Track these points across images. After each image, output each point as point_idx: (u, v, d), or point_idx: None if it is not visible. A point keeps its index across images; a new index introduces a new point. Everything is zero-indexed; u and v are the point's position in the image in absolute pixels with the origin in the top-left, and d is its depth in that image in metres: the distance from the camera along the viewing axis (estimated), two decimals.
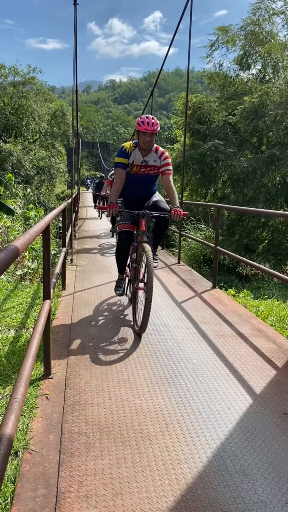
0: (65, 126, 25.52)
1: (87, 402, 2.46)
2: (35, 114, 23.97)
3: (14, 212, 6.73)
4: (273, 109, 14.14)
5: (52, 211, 3.46)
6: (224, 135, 15.62)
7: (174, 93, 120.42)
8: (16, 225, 9.09)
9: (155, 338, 3.49)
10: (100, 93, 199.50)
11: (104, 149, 58.16)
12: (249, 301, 5.29)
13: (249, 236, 14.99)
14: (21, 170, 21.20)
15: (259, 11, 15.67)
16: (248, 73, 17.07)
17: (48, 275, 2.64)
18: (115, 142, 64.16)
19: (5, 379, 2.80)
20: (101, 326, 3.78)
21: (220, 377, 2.81)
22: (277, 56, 15.40)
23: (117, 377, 2.78)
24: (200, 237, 13.21)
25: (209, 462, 1.96)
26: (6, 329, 3.78)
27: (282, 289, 9.66)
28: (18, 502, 1.69)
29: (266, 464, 1.96)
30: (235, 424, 2.27)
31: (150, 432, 2.18)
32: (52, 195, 26.98)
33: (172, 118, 25.49)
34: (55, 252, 7.88)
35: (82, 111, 77.61)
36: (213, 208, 8.46)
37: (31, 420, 2.26)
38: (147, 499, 1.72)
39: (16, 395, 1.42)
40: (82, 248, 8.56)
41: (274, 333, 3.69)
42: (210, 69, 17.90)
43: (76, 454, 1.99)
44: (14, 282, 6.00)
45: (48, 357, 2.75)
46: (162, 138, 46.58)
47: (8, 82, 24.29)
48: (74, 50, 7.97)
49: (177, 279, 5.81)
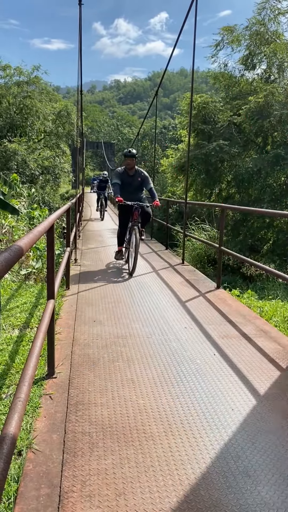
0: (70, 126, 25.54)
1: (90, 402, 2.46)
2: (39, 114, 24.02)
3: (19, 212, 6.73)
4: (278, 109, 14.08)
5: (56, 211, 3.47)
6: (229, 135, 15.57)
7: (178, 93, 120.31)
8: (20, 224, 9.11)
9: (158, 339, 3.49)
10: (105, 93, 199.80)
11: (109, 149, 58.20)
12: (253, 302, 5.27)
13: (254, 237, 14.93)
14: (25, 169, 21.24)
15: (264, 11, 15.59)
16: (253, 73, 16.99)
17: (52, 275, 2.65)
18: (120, 142, 64.10)
19: (9, 378, 2.81)
20: (105, 326, 3.78)
21: (223, 377, 2.80)
22: (282, 56, 15.33)
23: (120, 377, 2.78)
24: (204, 237, 13.19)
25: (213, 463, 1.96)
26: (10, 329, 3.79)
27: (286, 290, 9.61)
28: (22, 501, 1.69)
29: (269, 465, 1.95)
30: (239, 425, 2.26)
31: (154, 432, 2.18)
32: (56, 195, 27.01)
33: (177, 118, 25.46)
34: (59, 252, 7.89)
35: (87, 111, 77.75)
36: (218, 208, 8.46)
37: (35, 419, 2.26)
38: (150, 500, 1.72)
39: (20, 395, 1.42)
40: (86, 247, 8.57)
41: (278, 333, 3.67)
42: (215, 69, 17.84)
43: (79, 454, 1.99)
44: (18, 281, 6.01)
45: (52, 356, 2.76)
46: (167, 138, 46.54)
47: (13, 81, 24.37)
48: (79, 50, 7.98)
49: (181, 279, 5.80)
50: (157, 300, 4.67)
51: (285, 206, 14.27)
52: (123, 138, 65.54)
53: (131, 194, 6.16)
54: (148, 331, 3.67)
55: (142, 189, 6.32)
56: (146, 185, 6.25)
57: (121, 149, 61.98)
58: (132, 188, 6.18)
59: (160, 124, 61.82)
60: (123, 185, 6.08)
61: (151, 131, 43.30)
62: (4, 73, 24.39)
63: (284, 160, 13.77)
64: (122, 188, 6.05)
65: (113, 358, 3.09)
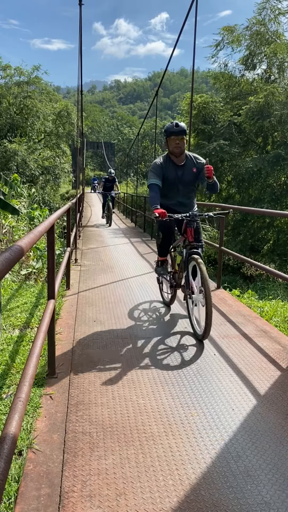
0: (70, 126, 25.53)
1: (91, 401, 2.46)
2: (40, 114, 24.02)
3: (19, 212, 6.73)
4: (278, 109, 14.09)
5: (56, 211, 3.47)
6: (229, 135, 15.58)
7: (179, 93, 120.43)
8: (20, 225, 9.11)
9: (159, 339, 3.49)
10: (105, 93, 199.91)
11: (109, 149, 58.24)
12: (254, 302, 5.27)
13: (254, 237, 14.95)
14: (26, 169, 21.25)
15: (265, 11, 15.62)
16: (254, 73, 17.02)
17: (52, 275, 2.65)
18: (120, 142, 64.14)
19: (9, 378, 2.81)
20: (105, 326, 3.78)
21: (224, 377, 2.80)
22: (282, 56, 15.36)
23: (121, 377, 2.78)
24: (204, 237, 13.20)
25: (213, 462, 1.96)
26: (10, 329, 3.79)
27: (287, 290, 9.62)
28: (22, 501, 1.69)
29: (270, 465, 1.95)
30: (239, 425, 2.26)
31: (154, 432, 2.18)
32: (56, 195, 27.03)
33: (177, 118, 25.46)
34: (59, 252, 7.89)
35: (87, 111, 77.76)
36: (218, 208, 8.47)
37: (35, 419, 2.27)
38: (150, 499, 1.72)
39: (20, 395, 1.42)
40: (87, 248, 8.58)
41: (279, 333, 3.67)
42: (215, 69, 17.87)
43: (79, 454, 1.99)
44: (18, 281, 6.02)
45: (52, 356, 2.76)
46: None
47: (13, 82, 24.38)
48: (79, 50, 7.99)
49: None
50: (157, 300, 4.67)
51: (285, 206, 14.28)
52: (123, 138, 65.55)
53: (180, 197, 3.85)
54: (148, 331, 3.67)
55: (196, 187, 4.00)
56: (202, 180, 3.71)
57: (121, 149, 62.01)
58: (181, 188, 3.80)
59: (160, 124, 61.78)
60: (166, 184, 3.74)
61: (151, 131, 43.31)
62: (4, 73, 24.40)
63: (284, 160, 13.78)
64: (164, 191, 3.75)
65: (113, 358, 3.09)
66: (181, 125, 3.58)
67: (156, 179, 3.64)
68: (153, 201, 3.53)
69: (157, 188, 3.61)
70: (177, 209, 3.83)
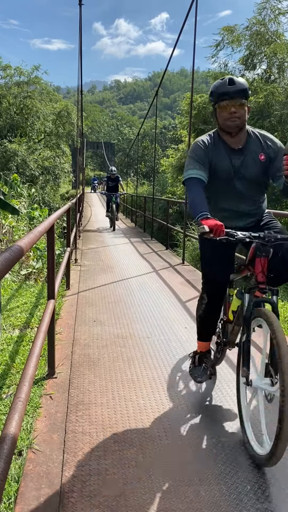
0: (70, 126, 25.54)
1: (91, 402, 2.46)
2: (40, 114, 24.03)
3: (19, 212, 6.73)
4: (278, 109, 14.10)
5: (56, 211, 3.47)
6: None
7: (179, 93, 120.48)
8: (20, 225, 9.11)
9: (159, 338, 3.49)
10: (105, 93, 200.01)
11: (109, 149, 58.25)
12: None
13: None
14: (26, 170, 21.25)
15: (265, 11, 15.61)
16: (254, 73, 17.01)
17: (52, 275, 2.65)
18: (120, 142, 64.20)
19: (9, 378, 2.81)
20: (105, 326, 3.78)
21: (224, 377, 2.80)
22: (282, 56, 15.35)
23: (121, 377, 2.78)
24: None
25: (213, 463, 1.95)
26: (10, 329, 3.79)
27: (286, 290, 9.61)
28: (22, 501, 1.69)
29: None
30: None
31: (154, 433, 2.17)
32: (56, 195, 27.02)
33: (177, 118, 25.46)
34: (59, 252, 7.89)
35: (87, 111, 77.74)
36: None
37: (35, 419, 2.26)
38: (150, 500, 1.72)
39: (20, 395, 1.42)
40: (87, 248, 8.58)
41: None
42: (215, 69, 17.86)
43: (79, 454, 1.99)
44: (18, 281, 6.02)
45: (52, 356, 2.76)
46: (167, 138, 46.55)
47: (13, 82, 24.38)
48: (79, 50, 7.99)
49: (181, 279, 5.80)
50: (157, 300, 4.67)
51: (285, 206, 14.28)
52: (123, 138, 65.56)
53: (237, 203, 2.33)
54: (148, 331, 3.67)
55: (266, 186, 2.37)
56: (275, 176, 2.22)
57: (121, 149, 62.07)
58: (239, 186, 2.29)
59: (160, 124, 61.86)
60: (215, 180, 2.28)
61: (151, 131, 43.35)
62: (4, 73, 24.41)
63: None
64: (210, 191, 2.32)
65: (113, 358, 3.09)
66: (238, 82, 2.16)
67: (199, 170, 2.18)
68: (197, 205, 2.05)
69: (200, 184, 2.16)
70: (233, 224, 2.31)
